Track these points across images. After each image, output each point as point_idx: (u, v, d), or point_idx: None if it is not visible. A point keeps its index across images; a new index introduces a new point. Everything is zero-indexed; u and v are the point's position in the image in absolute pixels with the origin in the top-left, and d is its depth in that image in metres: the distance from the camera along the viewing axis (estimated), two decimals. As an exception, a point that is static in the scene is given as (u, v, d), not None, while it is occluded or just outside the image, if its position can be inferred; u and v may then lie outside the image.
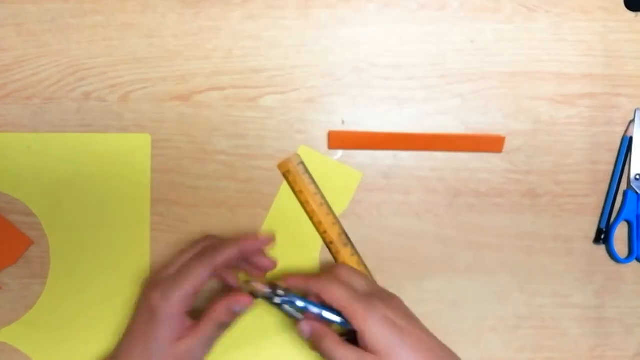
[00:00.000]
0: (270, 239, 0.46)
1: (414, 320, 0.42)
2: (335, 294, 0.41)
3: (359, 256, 0.50)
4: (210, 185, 0.51)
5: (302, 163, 0.50)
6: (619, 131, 0.52)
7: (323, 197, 0.50)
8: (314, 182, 0.50)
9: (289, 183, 0.51)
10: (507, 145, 0.51)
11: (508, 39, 0.51)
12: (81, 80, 0.51)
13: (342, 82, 0.51)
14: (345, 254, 0.50)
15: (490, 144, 0.51)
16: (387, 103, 0.51)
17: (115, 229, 0.51)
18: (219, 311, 0.42)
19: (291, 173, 0.50)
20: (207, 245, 0.45)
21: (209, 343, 0.42)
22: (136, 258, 0.50)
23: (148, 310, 0.41)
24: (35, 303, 0.50)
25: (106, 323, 0.50)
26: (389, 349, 0.39)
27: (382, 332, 0.39)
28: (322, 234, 0.50)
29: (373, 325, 0.39)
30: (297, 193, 0.51)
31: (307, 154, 0.51)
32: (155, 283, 0.42)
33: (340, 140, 0.51)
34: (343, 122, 0.51)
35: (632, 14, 0.52)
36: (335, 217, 0.51)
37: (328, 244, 0.50)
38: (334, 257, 0.50)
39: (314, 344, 0.42)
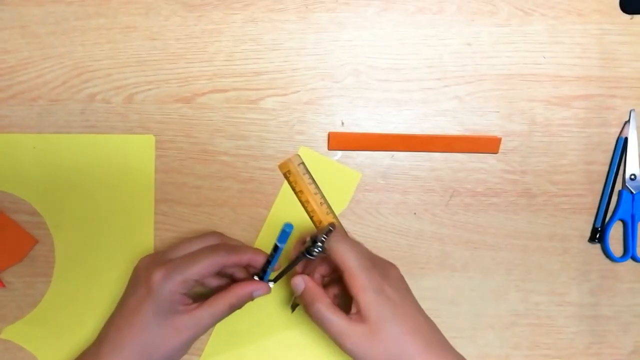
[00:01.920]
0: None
1: (408, 295, 0.43)
2: (344, 255, 0.42)
3: None
4: (212, 185, 0.52)
5: (303, 163, 0.51)
6: (614, 132, 0.52)
7: (323, 196, 0.51)
8: (314, 182, 0.51)
9: (290, 183, 0.51)
10: (503, 146, 0.52)
11: (504, 42, 0.52)
12: (86, 82, 0.52)
13: (342, 85, 0.52)
14: None
15: (487, 144, 0.52)
16: (385, 105, 0.52)
17: (119, 228, 0.51)
18: (239, 292, 0.43)
19: (292, 173, 0.51)
20: (221, 243, 0.46)
21: (214, 322, 0.43)
22: (139, 256, 0.51)
23: (146, 286, 0.42)
24: (39, 301, 0.51)
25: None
26: (379, 321, 0.40)
27: (377, 304, 0.40)
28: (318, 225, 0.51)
29: (369, 296, 0.40)
30: (298, 193, 0.51)
31: (308, 155, 0.52)
32: (158, 262, 0.43)
33: (339, 142, 0.52)
34: (342, 124, 0.52)
35: (627, 17, 0.52)
36: (335, 216, 0.51)
37: None
38: None
39: (305, 304, 0.43)
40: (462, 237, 0.52)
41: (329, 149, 0.52)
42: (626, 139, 0.52)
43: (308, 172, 0.51)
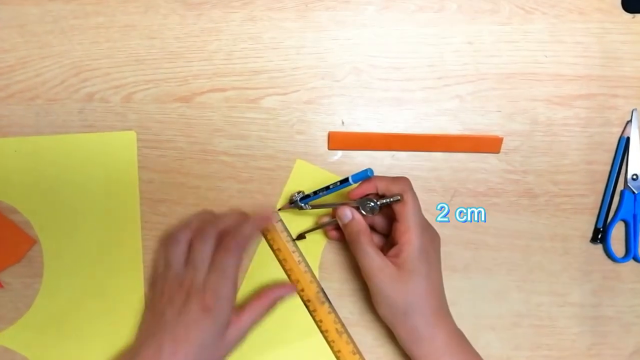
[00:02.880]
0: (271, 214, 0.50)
1: (439, 264, 0.47)
2: (408, 210, 0.45)
3: (336, 314, 0.50)
4: (212, 185, 0.51)
5: (281, 220, 0.50)
6: (616, 132, 0.52)
7: (301, 254, 0.50)
8: (292, 239, 0.50)
9: (267, 241, 0.51)
10: (505, 145, 0.52)
11: (506, 41, 0.52)
12: (84, 81, 0.51)
13: (342, 84, 0.52)
14: (322, 312, 0.50)
15: (488, 144, 0.51)
16: (386, 104, 0.52)
17: (105, 227, 0.51)
18: (272, 297, 0.47)
19: (270, 231, 0.50)
20: (224, 229, 0.46)
21: (252, 326, 0.46)
22: (128, 255, 0.51)
23: (202, 306, 0.43)
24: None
25: (101, 322, 0.50)
26: (412, 272, 0.44)
27: (417, 259, 0.44)
28: (300, 291, 0.50)
29: (414, 249, 0.44)
30: (275, 251, 0.50)
31: (305, 167, 0.51)
32: (199, 289, 0.44)
33: (340, 141, 0.51)
34: (343, 123, 0.52)
35: (629, 16, 0.52)
36: (313, 275, 0.50)
37: (305, 302, 0.50)
38: (311, 315, 0.50)
39: (348, 234, 0.46)
40: (463, 237, 0.51)
41: (329, 148, 0.52)
42: (628, 138, 0.52)
43: (286, 229, 0.50)
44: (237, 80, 0.52)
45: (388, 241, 0.48)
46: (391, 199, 0.45)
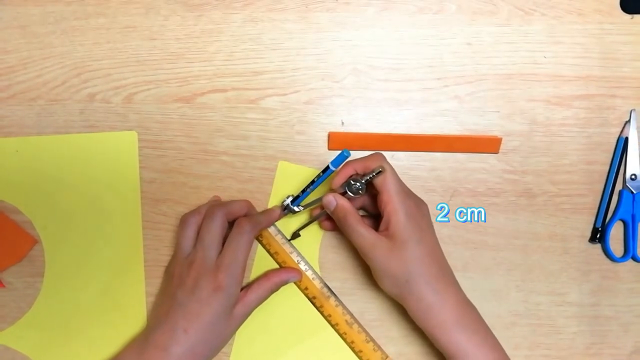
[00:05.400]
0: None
1: (431, 228, 0.47)
2: (385, 178, 0.45)
3: (343, 306, 0.50)
4: (212, 185, 0.52)
5: (273, 224, 0.51)
6: (614, 132, 0.52)
7: (299, 254, 0.50)
8: (287, 240, 0.51)
9: (264, 246, 0.51)
10: (504, 145, 0.52)
11: (505, 42, 0.52)
12: (86, 81, 0.52)
13: (342, 84, 0.52)
14: (329, 306, 0.50)
15: (487, 144, 0.52)
16: (385, 105, 0.52)
17: (107, 226, 0.51)
18: (277, 280, 0.48)
19: (264, 236, 0.50)
20: (232, 212, 0.48)
21: (258, 305, 0.47)
22: (129, 254, 0.51)
23: (213, 286, 0.44)
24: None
25: (102, 320, 0.50)
26: (404, 240, 0.44)
27: (405, 226, 0.44)
28: (304, 290, 0.50)
29: (400, 217, 0.44)
30: (273, 255, 0.51)
31: (288, 168, 0.51)
32: (209, 268, 0.45)
33: (339, 141, 0.52)
34: (343, 124, 0.52)
35: (627, 16, 0.53)
36: (315, 272, 0.50)
37: (311, 299, 0.50)
38: (319, 311, 0.50)
39: (337, 219, 0.46)
40: (462, 237, 0.52)
41: (329, 149, 0.52)
42: (626, 138, 0.52)
43: (280, 232, 0.51)
44: (238, 81, 0.52)
45: (379, 221, 0.48)
46: (373, 173, 0.44)
